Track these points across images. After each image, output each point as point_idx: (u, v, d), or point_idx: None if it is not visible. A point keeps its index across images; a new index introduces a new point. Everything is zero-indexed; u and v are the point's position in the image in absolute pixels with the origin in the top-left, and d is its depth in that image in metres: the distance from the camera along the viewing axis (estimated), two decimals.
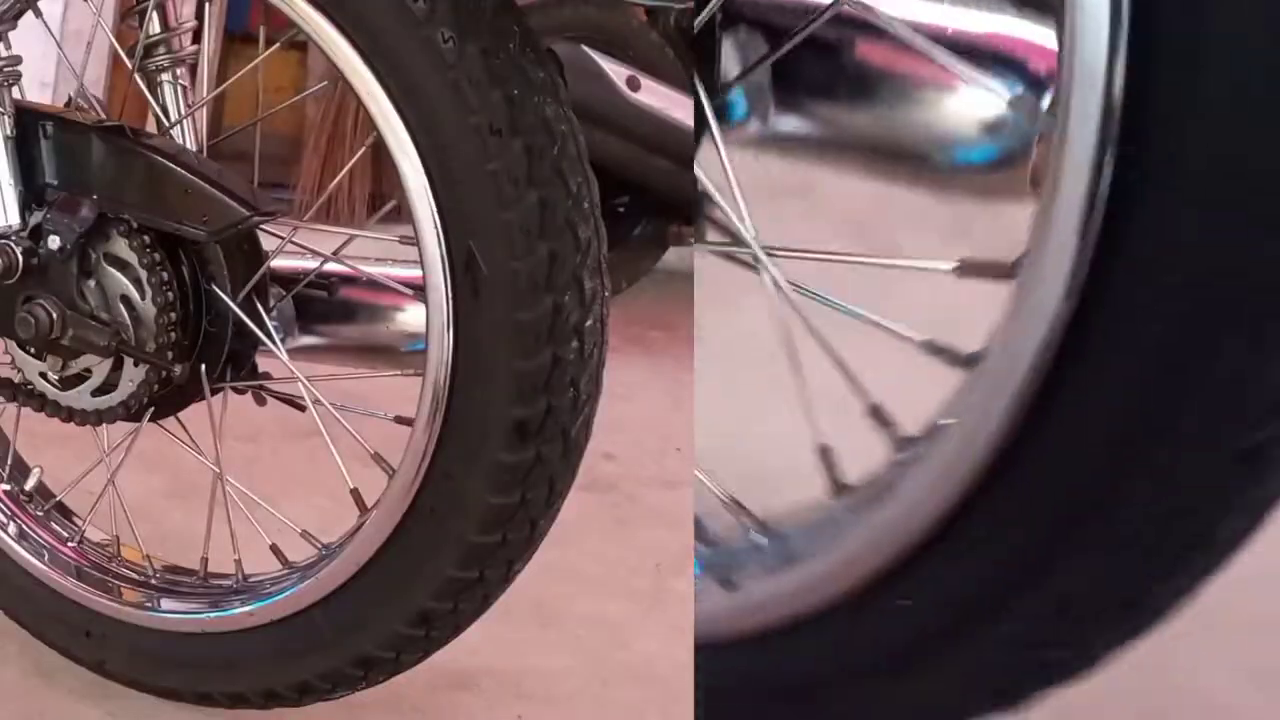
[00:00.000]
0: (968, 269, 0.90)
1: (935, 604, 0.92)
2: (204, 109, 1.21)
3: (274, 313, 1.15)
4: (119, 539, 1.31)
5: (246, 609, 1.18)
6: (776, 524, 1.02)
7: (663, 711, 1.30)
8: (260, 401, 1.18)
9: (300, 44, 1.21)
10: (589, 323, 1.03)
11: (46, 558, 1.29)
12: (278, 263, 1.14)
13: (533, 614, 1.41)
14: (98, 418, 1.15)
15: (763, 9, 1.06)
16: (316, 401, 1.12)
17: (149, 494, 1.55)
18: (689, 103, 2.21)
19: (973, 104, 1.08)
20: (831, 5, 1.01)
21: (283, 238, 1.13)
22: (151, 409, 1.16)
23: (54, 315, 1.11)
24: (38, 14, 1.18)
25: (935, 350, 0.91)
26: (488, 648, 1.25)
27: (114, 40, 1.21)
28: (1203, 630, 1.00)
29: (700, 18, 1.03)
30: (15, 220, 1.13)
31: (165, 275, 1.10)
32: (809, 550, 0.97)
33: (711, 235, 1.04)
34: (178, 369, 1.11)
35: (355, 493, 1.12)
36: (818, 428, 0.99)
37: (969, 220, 1.20)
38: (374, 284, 1.16)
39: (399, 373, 1.13)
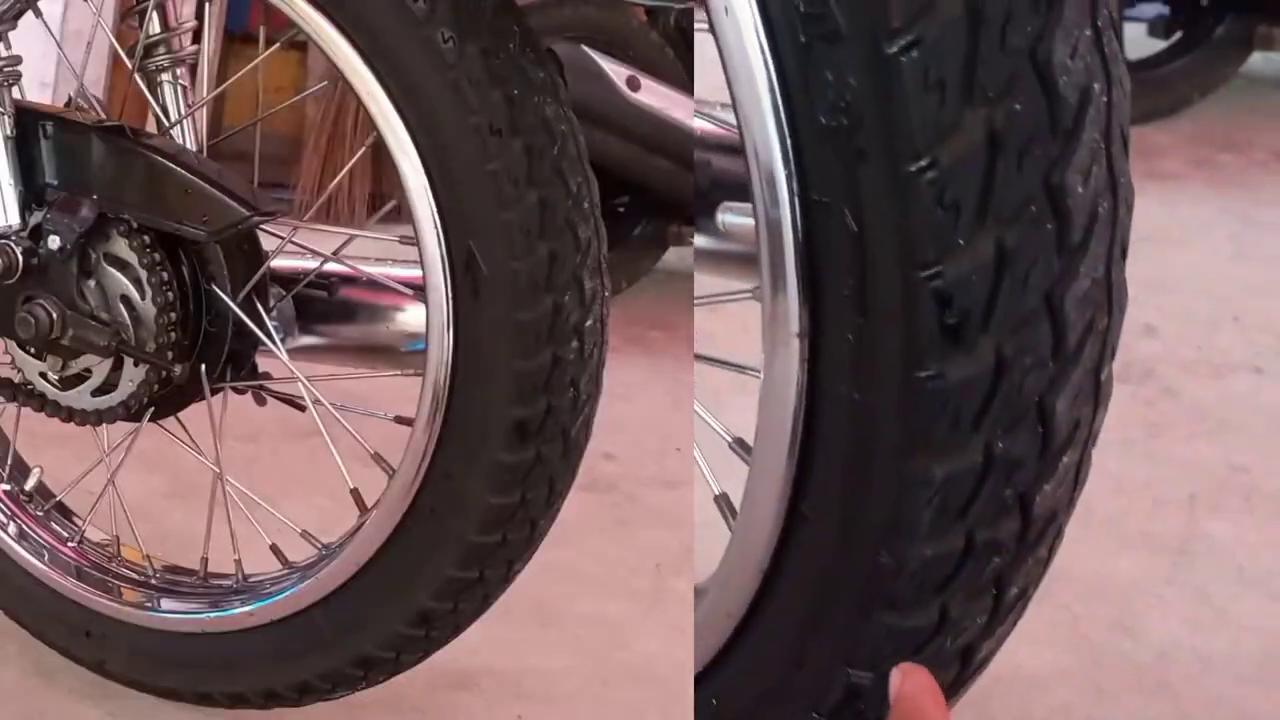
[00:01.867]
0: None
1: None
2: (204, 109, 1.21)
3: (274, 313, 1.15)
4: (119, 539, 1.31)
5: (246, 609, 1.18)
6: None
7: (663, 711, 1.30)
8: (260, 401, 1.18)
9: (300, 44, 1.21)
10: (589, 323, 1.03)
11: (46, 558, 1.29)
12: (278, 263, 1.14)
13: (533, 614, 1.41)
14: (98, 418, 1.15)
15: None
16: (316, 401, 1.12)
17: (149, 494, 1.55)
18: (689, 103, 2.20)
19: None
20: None
21: (283, 238, 1.13)
22: (151, 409, 1.16)
23: (54, 315, 1.11)
24: (38, 14, 1.18)
25: None
26: (488, 648, 1.25)
27: (114, 40, 1.21)
28: None
29: None
30: (15, 220, 1.13)
31: (165, 275, 1.10)
32: None
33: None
34: (178, 369, 1.11)
35: (355, 493, 1.12)
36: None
37: None
38: (374, 284, 1.16)
39: (399, 373, 1.13)
